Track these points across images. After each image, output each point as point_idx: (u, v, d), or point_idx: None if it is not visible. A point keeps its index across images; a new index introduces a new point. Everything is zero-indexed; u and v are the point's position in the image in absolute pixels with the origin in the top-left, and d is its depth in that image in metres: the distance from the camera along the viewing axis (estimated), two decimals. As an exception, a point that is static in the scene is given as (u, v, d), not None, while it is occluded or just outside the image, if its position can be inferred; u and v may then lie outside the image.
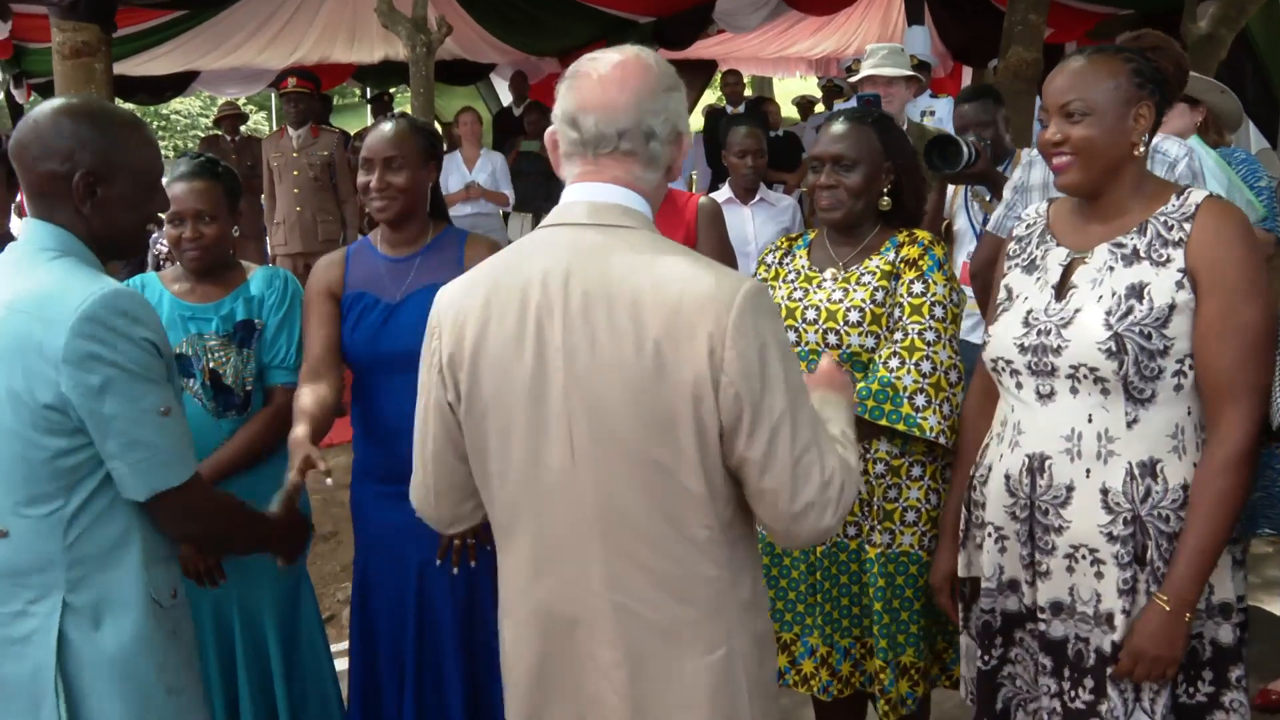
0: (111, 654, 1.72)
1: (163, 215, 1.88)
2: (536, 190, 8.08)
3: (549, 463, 1.56)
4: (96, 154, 1.74)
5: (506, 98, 10.83)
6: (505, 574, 1.69)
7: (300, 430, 2.32)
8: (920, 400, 2.25)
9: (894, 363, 2.27)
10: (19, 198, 2.72)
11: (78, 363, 1.63)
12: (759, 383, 1.48)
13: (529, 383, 1.55)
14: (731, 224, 3.63)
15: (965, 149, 3.35)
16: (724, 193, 4.35)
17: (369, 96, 12.73)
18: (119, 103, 8.24)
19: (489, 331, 1.58)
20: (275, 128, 7.82)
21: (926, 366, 2.27)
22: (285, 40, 10.01)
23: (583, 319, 1.51)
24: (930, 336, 2.28)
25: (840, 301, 2.36)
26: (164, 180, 1.95)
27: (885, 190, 2.42)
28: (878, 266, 2.38)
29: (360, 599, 2.70)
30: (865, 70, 4.45)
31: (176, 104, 21.17)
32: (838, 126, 2.44)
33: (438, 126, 9.69)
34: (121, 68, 8.65)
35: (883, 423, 2.26)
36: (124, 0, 5.85)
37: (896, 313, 2.32)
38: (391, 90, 12.34)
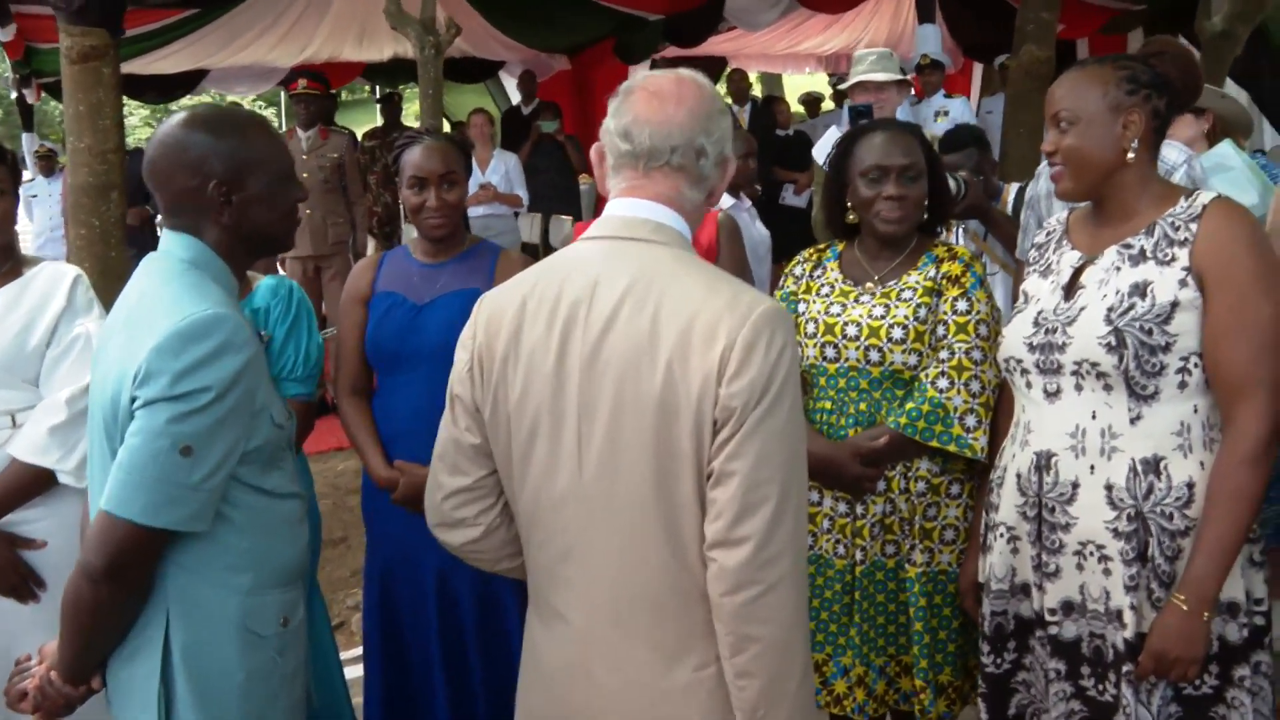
0: (195, 674, 1.71)
1: (301, 202, 1.87)
2: (548, 189, 8.04)
3: (561, 469, 1.58)
4: (224, 161, 1.74)
5: (515, 96, 10.81)
6: (529, 571, 1.70)
7: (378, 468, 2.56)
8: (971, 421, 2.24)
9: (943, 383, 2.26)
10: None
11: (144, 380, 1.61)
12: (759, 397, 1.46)
13: (551, 388, 1.57)
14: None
15: (954, 184, 3.28)
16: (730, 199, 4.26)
17: (378, 95, 12.70)
18: (128, 101, 8.23)
19: (522, 335, 1.60)
20: (285, 126, 7.78)
21: (975, 386, 2.25)
22: (295, 39, 9.99)
23: (603, 329, 1.53)
24: (977, 355, 2.26)
25: (882, 318, 2.32)
26: None
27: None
28: (918, 283, 2.34)
29: (381, 608, 2.69)
30: (855, 77, 4.27)
31: (186, 103, 21.20)
32: (895, 136, 2.38)
33: (447, 126, 9.67)
34: (131, 66, 8.65)
35: (934, 444, 2.24)
36: (133, 1, 5.82)
37: (940, 330, 2.30)
38: (401, 88, 12.32)
